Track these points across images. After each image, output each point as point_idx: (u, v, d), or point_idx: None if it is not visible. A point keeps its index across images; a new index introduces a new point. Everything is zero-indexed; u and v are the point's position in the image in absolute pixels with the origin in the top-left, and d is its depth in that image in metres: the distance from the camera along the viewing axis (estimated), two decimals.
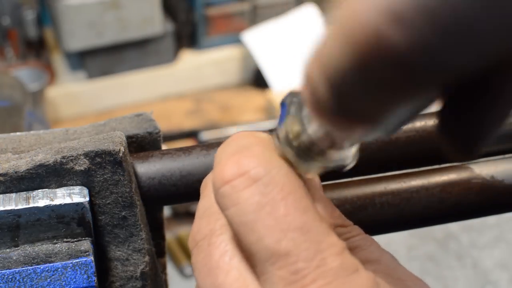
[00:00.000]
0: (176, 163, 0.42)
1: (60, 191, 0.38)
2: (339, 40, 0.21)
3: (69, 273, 0.37)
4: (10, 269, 0.37)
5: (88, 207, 0.38)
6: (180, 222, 2.12)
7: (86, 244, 0.39)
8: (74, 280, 0.38)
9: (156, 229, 0.46)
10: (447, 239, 2.11)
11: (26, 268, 0.37)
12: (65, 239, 0.39)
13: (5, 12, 2.42)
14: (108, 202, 0.40)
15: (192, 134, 2.46)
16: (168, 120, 2.55)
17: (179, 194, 0.42)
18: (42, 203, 0.37)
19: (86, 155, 0.38)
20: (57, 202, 0.37)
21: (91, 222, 0.39)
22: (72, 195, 0.38)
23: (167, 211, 2.14)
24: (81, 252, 0.38)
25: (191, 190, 0.42)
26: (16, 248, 0.38)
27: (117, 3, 2.41)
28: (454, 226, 2.09)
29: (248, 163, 0.28)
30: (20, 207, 0.37)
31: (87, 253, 0.38)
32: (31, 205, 0.37)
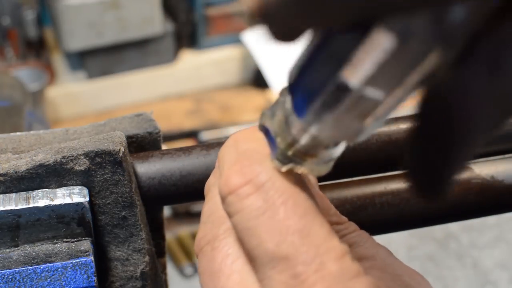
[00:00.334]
0: (176, 163, 0.42)
1: (60, 191, 0.38)
2: None
3: (69, 273, 0.37)
4: (10, 269, 0.37)
5: (88, 207, 0.38)
6: (180, 222, 2.12)
7: (86, 244, 0.39)
8: (74, 280, 0.38)
9: (156, 229, 0.46)
10: (447, 239, 2.11)
11: (26, 268, 0.37)
12: (65, 239, 0.39)
13: (5, 12, 2.42)
14: (108, 202, 0.39)
15: (192, 134, 2.47)
16: (168, 120, 2.55)
17: (179, 194, 0.42)
18: (42, 203, 0.37)
19: (86, 155, 0.38)
20: (57, 202, 0.37)
21: (91, 222, 0.39)
22: (72, 195, 0.38)
23: (167, 211, 2.14)
24: (81, 252, 0.38)
25: (191, 190, 0.42)
26: (16, 248, 0.38)
27: (117, 3, 2.41)
28: (454, 226, 2.09)
29: (251, 172, 0.29)
30: (20, 207, 0.37)
31: (87, 253, 0.38)
32: (31, 205, 0.37)
